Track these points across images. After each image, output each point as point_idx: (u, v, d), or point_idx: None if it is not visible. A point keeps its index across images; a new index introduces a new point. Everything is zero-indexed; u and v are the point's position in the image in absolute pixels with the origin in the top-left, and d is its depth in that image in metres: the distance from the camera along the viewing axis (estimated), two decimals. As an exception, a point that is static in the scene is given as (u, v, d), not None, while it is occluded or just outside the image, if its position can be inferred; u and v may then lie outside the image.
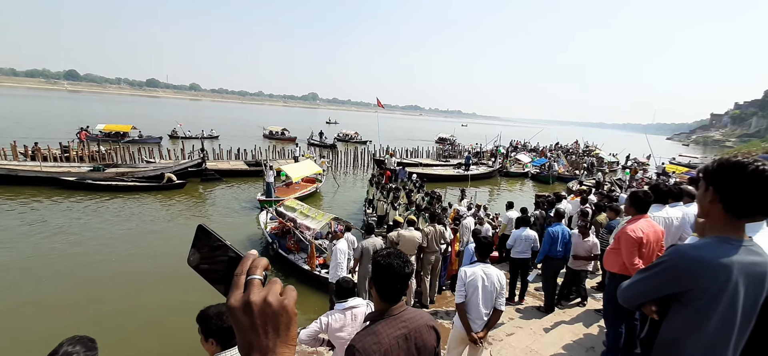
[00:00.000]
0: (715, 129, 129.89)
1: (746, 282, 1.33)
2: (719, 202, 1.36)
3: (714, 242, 1.37)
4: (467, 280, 3.30)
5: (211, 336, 1.77)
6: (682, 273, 1.39)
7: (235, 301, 0.56)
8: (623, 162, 36.10)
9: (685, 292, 1.40)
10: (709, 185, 1.39)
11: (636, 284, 1.56)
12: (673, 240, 3.74)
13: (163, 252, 10.28)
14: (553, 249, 5.97)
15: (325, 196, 18.18)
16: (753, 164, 1.29)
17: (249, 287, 0.57)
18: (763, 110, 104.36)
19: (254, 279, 0.58)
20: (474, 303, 3.29)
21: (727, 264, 1.31)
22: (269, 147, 27.32)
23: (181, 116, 55.91)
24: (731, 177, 1.32)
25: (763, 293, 1.37)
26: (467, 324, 3.29)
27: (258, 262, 0.60)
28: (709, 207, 1.40)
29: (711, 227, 1.41)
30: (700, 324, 1.39)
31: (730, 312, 1.35)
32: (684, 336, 1.43)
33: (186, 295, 7.69)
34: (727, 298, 1.33)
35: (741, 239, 1.35)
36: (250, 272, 0.59)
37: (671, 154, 51.08)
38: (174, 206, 14.84)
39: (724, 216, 1.36)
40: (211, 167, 19.87)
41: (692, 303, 1.39)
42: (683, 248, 1.43)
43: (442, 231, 6.60)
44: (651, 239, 3.43)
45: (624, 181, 21.70)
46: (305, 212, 9.57)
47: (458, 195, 14.18)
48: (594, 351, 4.56)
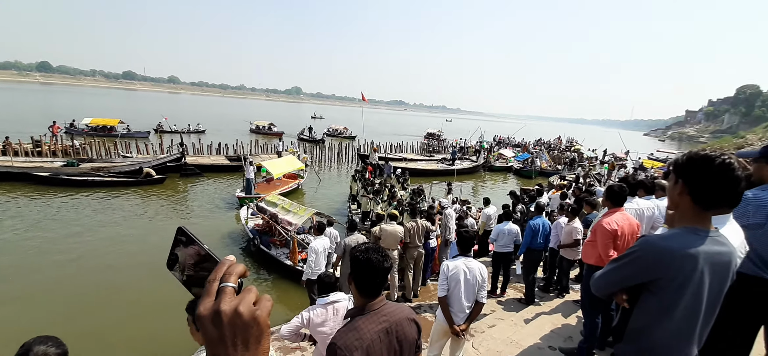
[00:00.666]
0: (690, 125, 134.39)
1: (712, 271, 1.38)
2: (688, 194, 1.40)
3: (682, 232, 1.41)
4: (450, 274, 3.32)
5: None
6: (651, 262, 1.44)
7: (204, 310, 0.53)
8: (601, 157, 37.03)
9: (654, 281, 1.44)
10: (678, 177, 1.43)
11: (608, 274, 1.60)
12: (645, 231, 3.86)
13: (140, 249, 10.02)
14: (534, 241, 6.15)
15: (308, 192, 17.97)
16: (720, 158, 1.33)
17: (220, 295, 0.54)
18: (734, 107, 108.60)
19: (227, 287, 0.54)
20: (456, 296, 3.32)
21: (694, 254, 1.35)
22: (251, 142, 26.82)
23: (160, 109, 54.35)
24: (699, 170, 1.37)
25: (728, 281, 1.43)
26: (449, 317, 3.32)
27: (233, 268, 0.57)
28: (678, 199, 1.44)
29: (680, 218, 1.46)
30: (668, 311, 1.43)
31: (696, 299, 1.40)
32: (653, 323, 1.48)
33: (163, 293, 7.58)
34: (693, 286, 1.38)
35: (708, 229, 1.40)
36: (223, 278, 0.56)
37: (647, 149, 52.62)
38: (152, 201, 14.44)
39: (692, 208, 1.40)
40: (191, 162, 19.40)
41: (661, 292, 1.43)
42: (652, 238, 1.48)
43: (426, 226, 6.64)
44: (626, 231, 3.52)
45: (602, 175, 22.28)
46: (286, 207, 9.47)
47: (445, 190, 14.29)
48: (572, 340, 4.67)
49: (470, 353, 4.49)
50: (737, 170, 1.31)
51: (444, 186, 15.32)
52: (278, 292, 8.27)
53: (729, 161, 1.32)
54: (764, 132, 51.87)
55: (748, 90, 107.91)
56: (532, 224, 6.18)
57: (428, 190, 14.40)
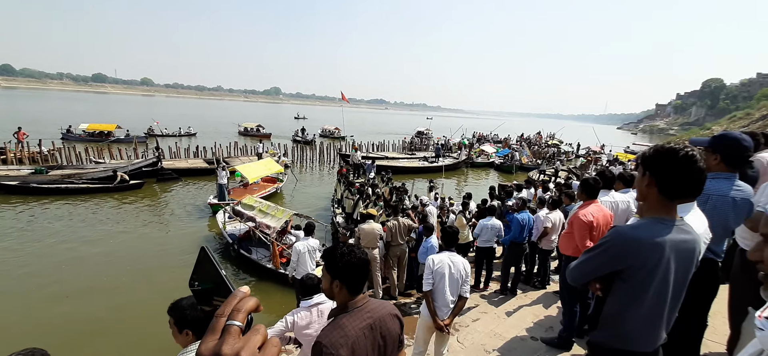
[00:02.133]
0: (660, 118, 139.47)
1: (677, 259, 1.46)
2: (655, 186, 1.47)
3: (650, 222, 1.48)
4: (435, 268, 3.34)
5: (186, 326, 1.74)
6: (622, 251, 1.51)
7: (205, 350, 0.50)
8: (576, 151, 38.07)
9: (625, 269, 1.51)
10: (646, 170, 1.50)
11: (582, 264, 1.67)
12: (620, 222, 4.00)
13: (114, 258, 9.69)
14: (521, 235, 6.28)
15: (288, 194, 17.50)
16: (683, 151, 1.41)
17: (225, 335, 0.50)
18: (701, 100, 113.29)
19: (233, 326, 0.51)
20: (441, 291, 3.34)
21: (661, 243, 1.43)
22: (231, 144, 26.22)
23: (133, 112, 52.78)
24: (665, 163, 1.44)
25: (692, 267, 1.51)
26: (434, 312, 3.35)
27: (243, 304, 0.54)
28: (646, 191, 1.51)
29: (647, 209, 1.53)
30: (639, 297, 1.51)
31: (663, 285, 1.48)
32: (625, 309, 1.56)
33: (138, 303, 7.45)
34: (661, 273, 1.46)
35: (674, 219, 1.47)
36: (231, 315, 0.52)
37: (621, 142, 54.38)
38: (126, 208, 13.95)
39: (659, 199, 1.47)
40: (168, 167, 18.90)
41: (631, 279, 1.51)
42: (622, 228, 1.55)
43: (408, 224, 6.68)
44: (601, 222, 3.65)
45: (579, 169, 22.94)
46: (264, 209, 9.33)
47: (427, 186, 14.35)
48: (552, 330, 4.79)
49: (455, 347, 4.55)
50: (699, 162, 1.39)
51: (426, 184, 15.38)
52: (260, 295, 8.16)
53: (691, 154, 1.39)
54: (728, 124, 54.59)
55: (713, 84, 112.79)
56: (519, 218, 6.28)
57: (411, 188, 14.47)
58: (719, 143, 2.23)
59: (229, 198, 13.62)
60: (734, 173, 2.23)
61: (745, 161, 2.28)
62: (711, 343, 3.27)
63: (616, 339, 1.61)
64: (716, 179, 2.20)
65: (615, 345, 1.62)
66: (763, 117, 41.61)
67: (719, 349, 3.27)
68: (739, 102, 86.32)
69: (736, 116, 59.67)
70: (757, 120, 42.06)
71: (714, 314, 2.69)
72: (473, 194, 10.17)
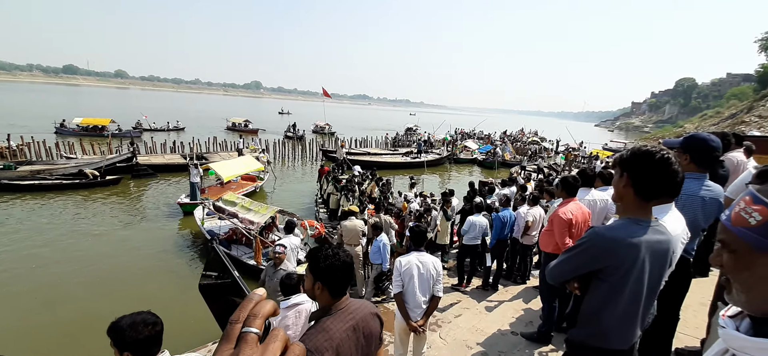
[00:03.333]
0: (636, 116, 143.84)
1: (652, 259, 1.49)
2: (631, 187, 1.49)
3: (626, 223, 1.51)
4: (403, 269, 3.28)
5: (126, 349, 1.63)
6: (599, 252, 1.53)
7: None
8: (556, 148, 38.89)
9: (603, 269, 1.54)
10: (623, 171, 1.52)
11: (560, 264, 1.69)
12: (598, 220, 4.08)
13: (83, 257, 9.34)
14: (503, 232, 6.34)
15: (270, 192, 17.05)
16: (659, 153, 1.44)
17: (241, 344, 0.45)
18: (674, 98, 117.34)
19: (250, 334, 0.46)
20: (411, 292, 3.28)
21: (637, 243, 1.46)
22: (210, 139, 25.55)
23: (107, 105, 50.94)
24: (642, 164, 1.46)
25: (667, 267, 1.55)
26: (406, 313, 3.31)
27: (259, 308, 0.49)
28: (623, 191, 1.53)
29: (624, 209, 1.56)
30: (615, 296, 1.54)
31: (639, 284, 1.51)
32: (602, 307, 1.59)
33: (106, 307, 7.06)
34: (636, 273, 1.49)
35: (649, 220, 1.51)
36: (247, 321, 0.48)
37: (598, 139, 55.82)
38: (95, 206, 13.42)
39: (635, 199, 1.50)
40: (144, 162, 18.36)
41: (609, 278, 1.53)
42: (600, 229, 1.57)
43: (390, 222, 6.66)
44: (579, 219, 3.72)
45: (560, 165, 23.45)
46: (247, 205, 9.17)
47: (408, 183, 14.38)
48: (532, 324, 4.87)
49: (438, 344, 4.57)
50: (675, 165, 1.41)
51: (407, 180, 15.40)
52: (242, 294, 8.02)
53: (668, 156, 1.42)
54: (700, 121, 56.75)
55: (685, 83, 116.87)
56: (501, 216, 6.33)
57: (392, 184, 14.46)
58: (689, 144, 2.29)
59: (203, 198, 12.80)
60: (704, 173, 2.30)
61: (714, 161, 2.35)
62: (683, 336, 3.38)
63: (593, 337, 1.64)
64: (687, 179, 2.25)
65: (592, 343, 1.65)
66: (732, 115, 43.41)
67: (690, 342, 3.39)
68: (710, 101, 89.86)
69: (706, 115, 62.10)
70: (726, 118, 43.87)
71: (685, 307, 2.78)
72: (456, 191, 10.22)
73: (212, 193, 13.59)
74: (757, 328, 0.70)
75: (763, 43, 44.48)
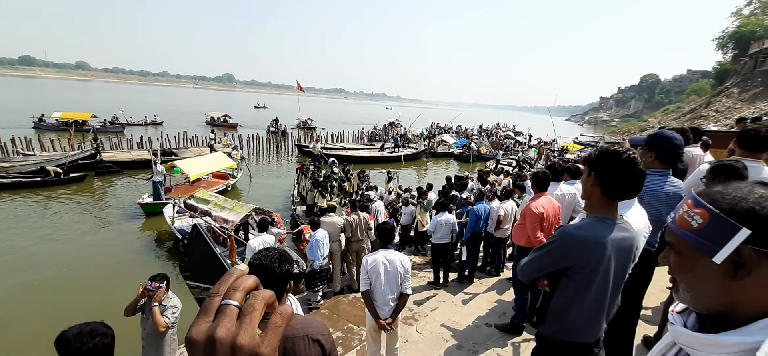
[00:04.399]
0: (604, 111, 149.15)
1: (617, 255, 1.55)
2: (599, 186, 1.54)
3: (593, 222, 1.56)
4: (369, 267, 3.28)
5: None
6: (567, 250, 1.58)
7: (196, 334, 0.43)
8: (528, 142, 39.95)
9: (571, 267, 1.59)
10: (591, 170, 1.57)
11: (531, 262, 1.73)
12: (567, 213, 4.22)
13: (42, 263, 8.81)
14: (477, 226, 6.41)
15: (244, 189, 16.41)
16: (626, 154, 1.49)
17: (219, 316, 0.43)
18: (639, 94, 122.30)
19: (229, 306, 0.44)
20: (378, 290, 3.30)
21: (603, 241, 1.51)
22: (179, 134, 24.56)
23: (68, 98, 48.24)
24: (608, 164, 1.51)
25: (631, 262, 1.62)
26: (374, 311, 3.32)
27: (240, 282, 0.47)
28: (590, 191, 1.58)
29: (591, 207, 1.61)
30: (583, 292, 1.59)
31: (605, 281, 1.56)
32: (571, 303, 1.64)
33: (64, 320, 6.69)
34: (603, 270, 1.54)
35: (615, 218, 1.56)
36: (227, 294, 0.45)
37: (569, 133, 57.70)
38: (54, 205, 12.74)
39: (602, 198, 1.55)
40: (109, 159, 17.56)
41: (576, 276, 1.58)
42: (568, 228, 1.62)
43: (366, 219, 6.64)
44: (550, 213, 3.82)
45: (533, 159, 24.10)
46: (220, 203, 8.91)
47: (385, 178, 14.39)
48: (505, 316, 5.00)
49: (415, 337, 4.62)
50: (639, 164, 1.48)
51: (384, 174, 15.41)
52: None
53: (633, 157, 1.48)
54: (662, 116, 59.61)
55: (649, 79, 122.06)
56: (476, 210, 6.41)
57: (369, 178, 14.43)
58: (654, 142, 2.39)
59: (168, 197, 12.10)
60: (668, 169, 2.40)
61: (677, 158, 2.46)
62: (645, 324, 3.55)
63: (561, 332, 1.69)
64: (651, 175, 2.35)
65: (561, 338, 1.70)
66: (692, 110, 45.85)
67: (654, 329, 3.57)
68: (672, 96, 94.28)
69: (669, 109, 65.30)
70: (686, 113, 46.30)
71: (649, 294, 2.92)
72: (433, 184, 10.30)
73: (179, 192, 12.70)
74: (702, 324, 0.74)
75: (720, 41, 47.01)
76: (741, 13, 45.61)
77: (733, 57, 44.91)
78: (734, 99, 35.49)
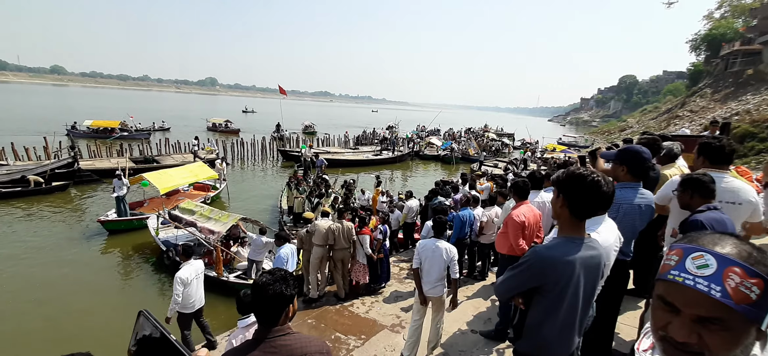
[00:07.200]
0: (584, 111, 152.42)
1: (586, 273, 1.63)
2: (567, 207, 1.62)
3: (562, 242, 1.64)
4: (421, 249, 3.94)
5: None
6: (539, 270, 1.65)
7: None
8: (513, 143, 40.52)
9: (543, 285, 1.66)
10: (560, 192, 1.64)
11: (506, 281, 1.80)
12: (548, 220, 4.31)
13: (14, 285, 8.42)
14: (462, 231, 6.51)
15: (226, 197, 15.62)
16: (590, 177, 1.57)
17: None
18: (618, 94, 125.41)
19: None
20: (427, 270, 3.89)
21: (572, 260, 1.59)
22: (161, 140, 23.98)
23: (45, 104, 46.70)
24: (574, 186, 1.58)
25: (599, 279, 1.71)
26: (420, 286, 3.91)
27: None
28: (559, 211, 1.67)
29: (560, 228, 1.70)
30: (555, 310, 1.66)
31: (575, 297, 1.64)
32: (543, 320, 1.71)
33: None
34: (573, 287, 1.62)
35: (582, 237, 1.65)
36: None
37: (552, 134, 58.78)
38: (29, 218, 12.35)
39: (570, 219, 1.64)
40: (87, 167, 17.10)
41: (548, 294, 1.66)
42: (539, 249, 1.70)
43: (349, 228, 6.61)
44: (531, 221, 3.91)
45: (518, 160, 24.46)
46: (206, 214, 8.79)
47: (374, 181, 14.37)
48: (490, 322, 5.08)
49: (401, 345, 4.66)
50: (603, 187, 1.56)
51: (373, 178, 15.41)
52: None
53: (597, 179, 1.56)
54: (640, 116, 61.33)
55: (628, 80, 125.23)
56: (460, 216, 6.50)
57: (357, 182, 14.42)
58: (624, 157, 2.51)
59: (139, 212, 11.45)
60: (638, 181, 2.51)
61: (647, 170, 2.58)
62: (623, 326, 3.67)
63: (537, 347, 1.76)
64: (624, 188, 2.46)
65: (537, 353, 1.78)
66: (668, 110, 47.31)
67: (629, 331, 3.69)
68: (650, 96, 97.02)
69: (646, 109, 67.23)
70: (663, 113, 47.77)
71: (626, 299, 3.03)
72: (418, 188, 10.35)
73: (154, 206, 11.97)
74: None
75: (693, 43, 48.69)
76: (712, 16, 47.36)
77: (706, 58, 46.60)
78: (708, 99, 36.79)
